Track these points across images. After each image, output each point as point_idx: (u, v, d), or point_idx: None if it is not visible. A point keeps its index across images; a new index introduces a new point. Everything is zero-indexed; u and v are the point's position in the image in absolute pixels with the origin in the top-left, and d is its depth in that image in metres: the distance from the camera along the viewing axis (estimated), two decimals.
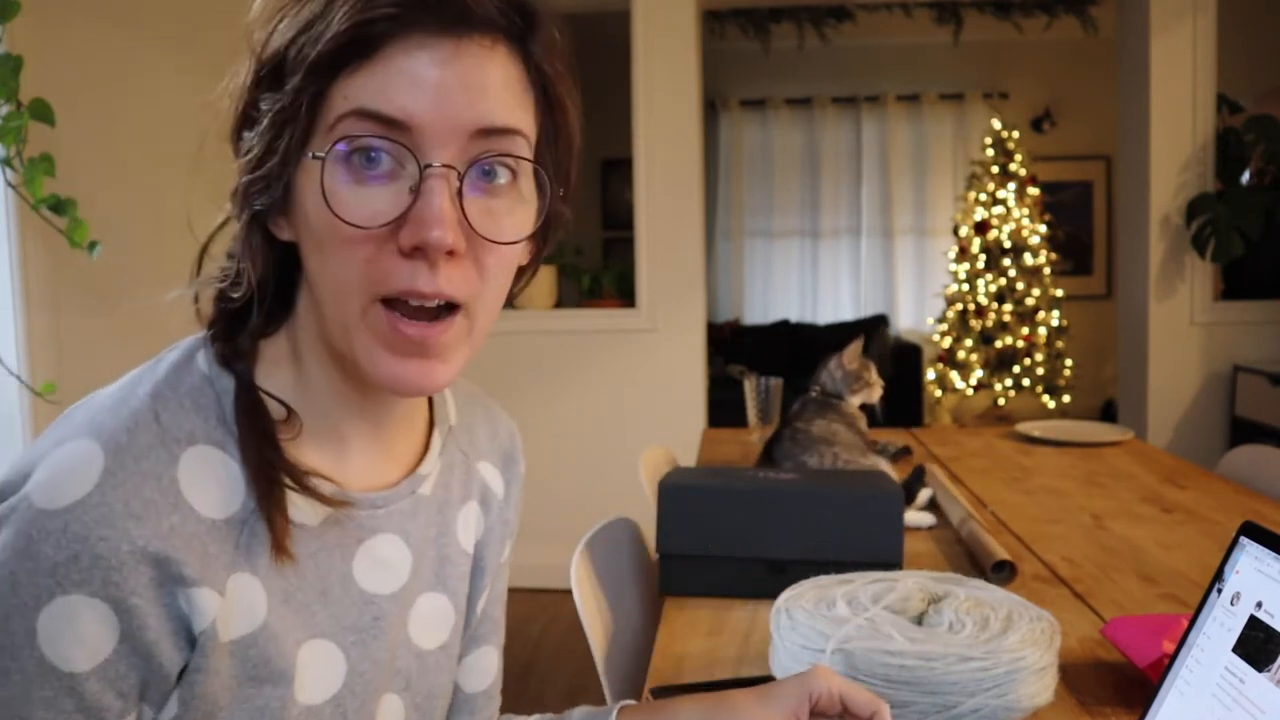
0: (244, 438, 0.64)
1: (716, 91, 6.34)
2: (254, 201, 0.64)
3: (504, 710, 0.93)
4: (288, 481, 0.65)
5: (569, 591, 1.26)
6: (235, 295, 0.67)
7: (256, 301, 0.67)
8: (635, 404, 3.78)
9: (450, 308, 0.63)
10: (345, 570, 0.70)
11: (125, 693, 0.60)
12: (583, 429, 3.77)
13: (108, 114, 2.43)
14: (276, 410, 0.67)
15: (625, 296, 3.86)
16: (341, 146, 0.60)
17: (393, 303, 0.62)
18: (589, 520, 1.46)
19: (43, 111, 2.02)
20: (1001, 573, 1.31)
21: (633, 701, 0.85)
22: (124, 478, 0.59)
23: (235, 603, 0.63)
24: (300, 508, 0.67)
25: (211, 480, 0.63)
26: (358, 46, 0.59)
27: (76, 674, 0.58)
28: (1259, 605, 0.69)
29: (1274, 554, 0.70)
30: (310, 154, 0.61)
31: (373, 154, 0.60)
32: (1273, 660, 0.67)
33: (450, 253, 0.61)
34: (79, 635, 0.57)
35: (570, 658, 3.12)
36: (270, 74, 0.62)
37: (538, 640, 3.25)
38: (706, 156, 4.39)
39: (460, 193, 0.61)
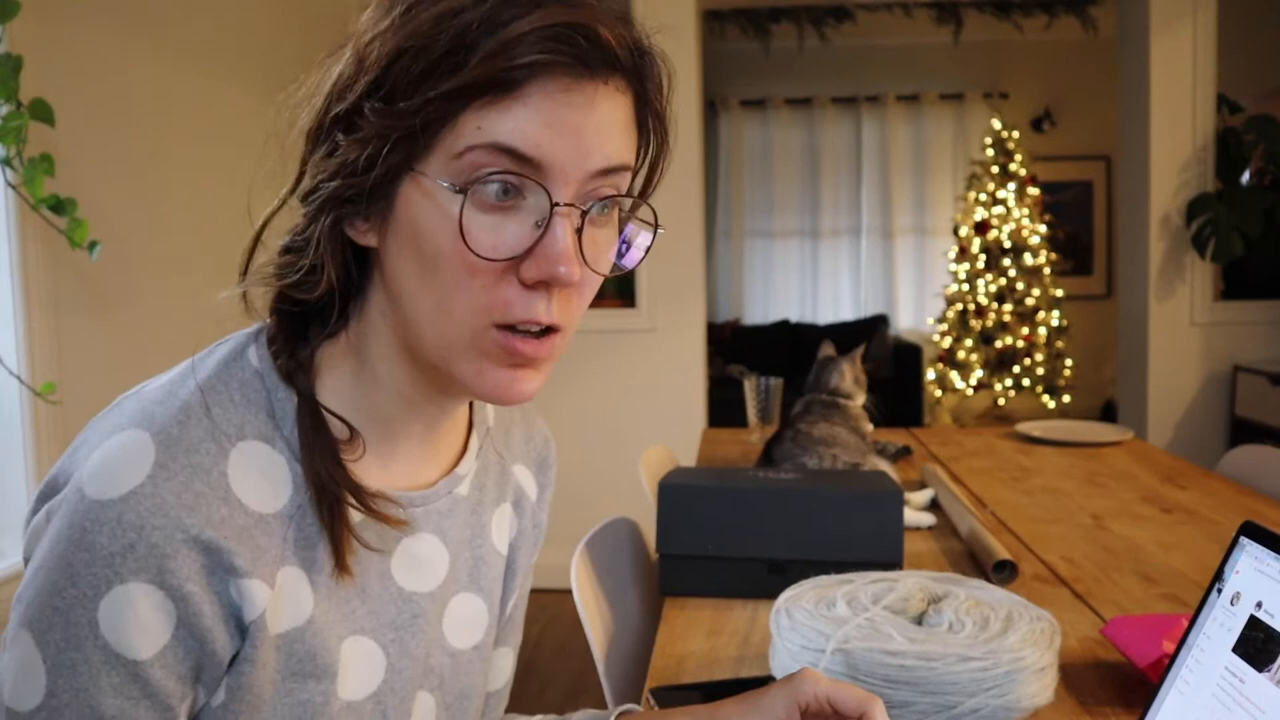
0: (307, 456, 0.65)
1: (716, 91, 6.34)
2: (344, 207, 0.64)
3: (506, 710, 0.93)
4: (351, 501, 0.66)
5: (569, 591, 1.26)
6: (307, 298, 0.67)
7: (336, 305, 0.68)
8: (635, 404, 3.78)
9: (552, 329, 0.65)
10: (384, 568, 0.71)
11: (184, 676, 0.61)
12: (583, 429, 3.77)
13: (108, 114, 2.43)
14: (339, 429, 0.68)
15: (625, 296, 3.86)
16: (482, 181, 0.60)
17: (503, 325, 0.63)
18: (589, 520, 1.46)
19: (43, 111, 2.02)
20: (1003, 572, 1.31)
21: (635, 706, 0.85)
22: (175, 469, 0.60)
23: (283, 595, 0.64)
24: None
25: (259, 475, 0.64)
26: (500, 82, 0.59)
27: (140, 661, 0.59)
28: (1259, 605, 0.69)
29: (1274, 554, 0.70)
30: (448, 184, 0.60)
31: (504, 186, 0.61)
32: (1273, 660, 0.67)
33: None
34: (139, 623, 0.58)
35: (570, 658, 3.12)
36: (383, 85, 0.61)
37: (538, 640, 3.25)
38: (706, 156, 4.39)
39: (579, 229, 0.62)
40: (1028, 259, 5.64)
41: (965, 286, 5.75)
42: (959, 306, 5.76)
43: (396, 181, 0.62)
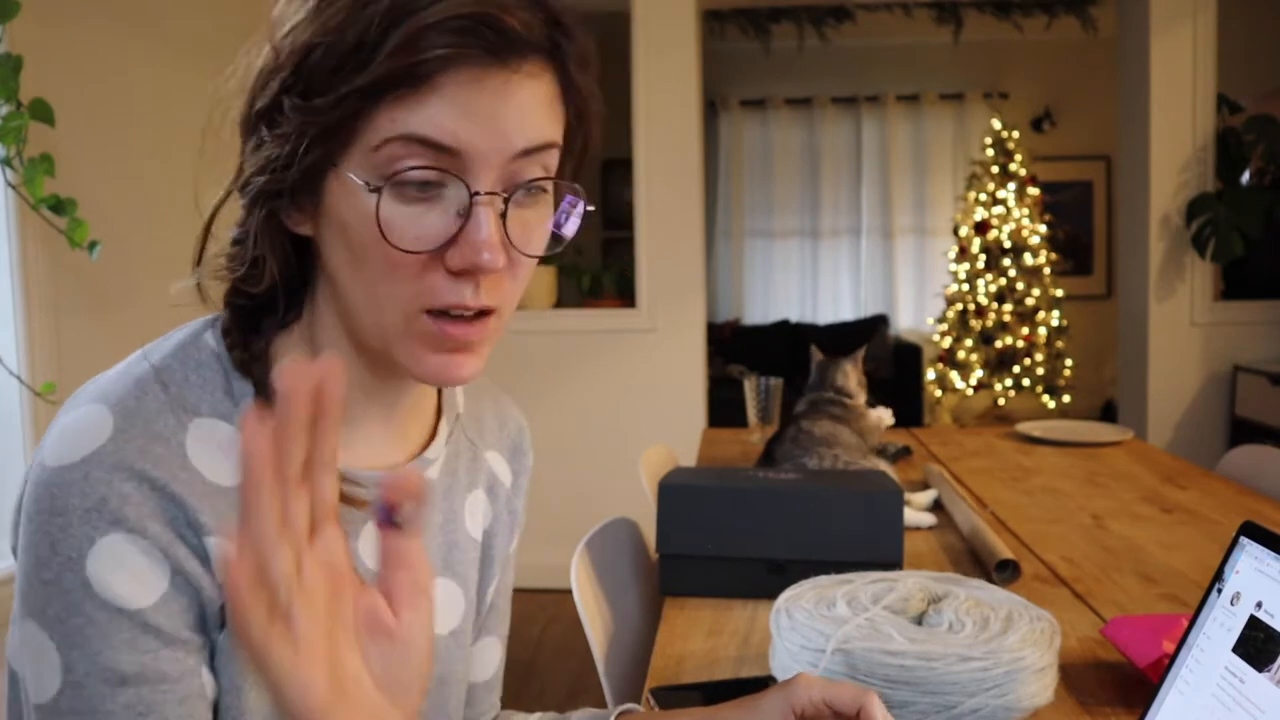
0: None
1: (716, 91, 6.33)
2: (275, 200, 0.64)
3: (506, 708, 0.93)
4: None
5: (569, 591, 1.26)
6: (255, 290, 0.67)
7: (281, 295, 0.68)
8: (635, 404, 3.78)
9: (486, 311, 0.65)
10: (349, 548, 0.71)
11: (192, 625, 0.61)
12: (583, 429, 3.77)
13: (108, 114, 2.43)
14: None
15: (625, 296, 3.86)
16: (399, 177, 0.60)
17: (435, 310, 0.63)
18: (589, 520, 1.46)
19: (43, 111, 2.02)
20: (1005, 572, 1.31)
21: (635, 706, 0.85)
22: (135, 434, 0.61)
23: None
24: None
25: (217, 450, 0.64)
26: (410, 76, 0.59)
27: (143, 609, 0.59)
28: (1259, 605, 0.69)
29: (1274, 554, 0.70)
30: (364, 182, 0.60)
31: (423, 180, 0.60)
32: (1273, 660, 0.67)
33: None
34: (130, 571, 0.58)
35: (570, 658, 3.12)
36: (299, 80, 0.60)
37: (538, 640, 3.25)
38: (706, 156, 4.39)
39: (504, 214, 0.62)
40: (1028, 259, 5.64)
41: (965, 286, 5.75)
42: (959, 306, 5.76)
43: (320, 176, 0.62)
